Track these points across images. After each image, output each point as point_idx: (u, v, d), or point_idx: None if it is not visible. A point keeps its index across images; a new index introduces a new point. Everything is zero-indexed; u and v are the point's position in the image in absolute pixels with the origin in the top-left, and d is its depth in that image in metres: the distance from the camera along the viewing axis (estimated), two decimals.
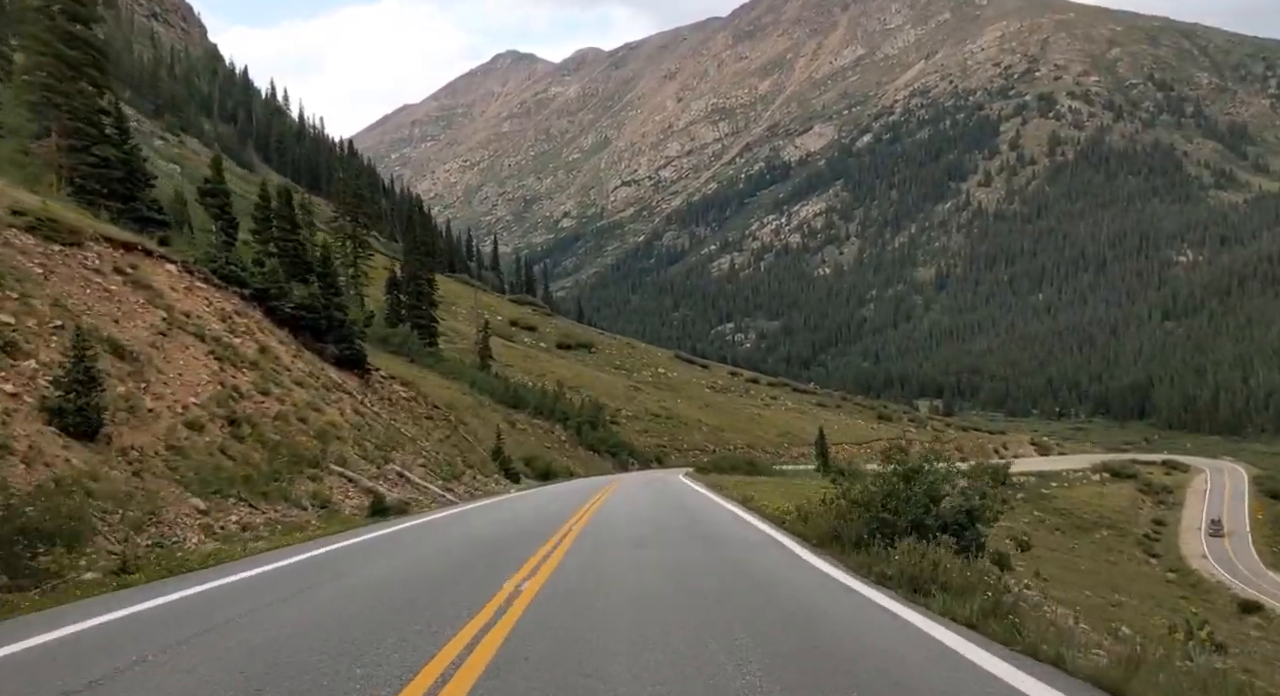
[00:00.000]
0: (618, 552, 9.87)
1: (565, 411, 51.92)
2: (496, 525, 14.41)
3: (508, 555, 9.52)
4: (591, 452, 50.58)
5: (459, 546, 11.26)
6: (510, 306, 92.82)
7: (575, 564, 8.78)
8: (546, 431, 47.08)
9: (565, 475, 36.44)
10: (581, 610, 6.06)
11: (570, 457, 45.07)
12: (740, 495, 20.12)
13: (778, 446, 62.20)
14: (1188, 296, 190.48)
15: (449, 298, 68.98)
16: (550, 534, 11.76)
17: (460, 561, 9.44)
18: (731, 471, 31.47)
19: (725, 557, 9.27)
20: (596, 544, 10.85)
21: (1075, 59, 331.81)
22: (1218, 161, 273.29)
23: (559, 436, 47.79)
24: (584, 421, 52.32)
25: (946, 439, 73.91)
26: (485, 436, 32.18)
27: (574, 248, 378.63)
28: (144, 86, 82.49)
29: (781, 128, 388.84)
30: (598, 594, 6.75)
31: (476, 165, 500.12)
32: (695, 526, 13.60)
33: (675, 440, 60.35)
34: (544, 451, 40.23)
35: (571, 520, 14.11)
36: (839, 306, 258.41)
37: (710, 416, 68.25)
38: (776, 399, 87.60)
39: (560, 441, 47.02)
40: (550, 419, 49.13)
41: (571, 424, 50.81)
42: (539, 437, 44.06)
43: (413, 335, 43.26)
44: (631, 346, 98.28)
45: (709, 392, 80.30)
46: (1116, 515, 44.85)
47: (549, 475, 34.54)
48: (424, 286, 51.52)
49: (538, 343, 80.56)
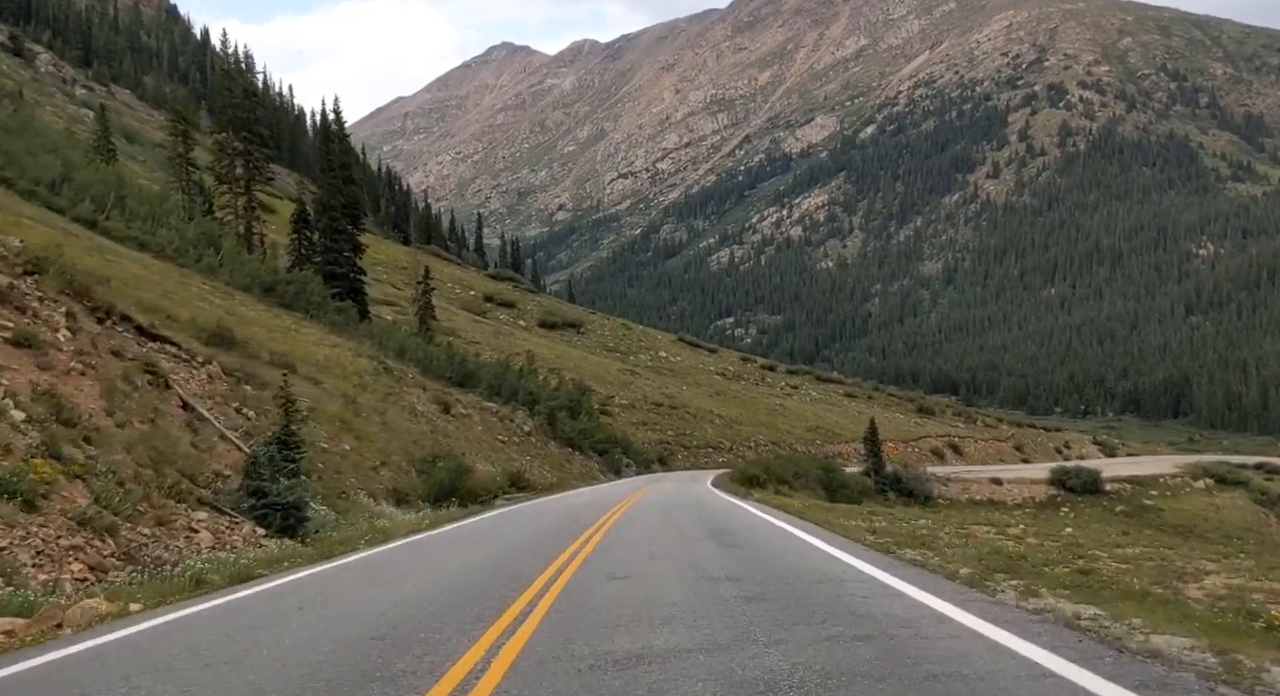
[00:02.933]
0: None
1: (533, 392, 40.60)
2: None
3: None
4: (570, 449, 39.61)
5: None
6: (487, 282, 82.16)
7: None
8: (503, 419, 35.02)
9: (516, 490, 24.35)
10: None
11: (537, 456, 34.12)
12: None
13: (808, 443, 52.22)
14: (1212, 290, 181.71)
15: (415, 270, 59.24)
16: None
17: None
18: (794, 479, 21.46)
19: None
20: None
21: (1085, 49, 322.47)
22: (1234, 153, 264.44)
23: (520, 426, 35.87)
24: (560, 407, 40.56)
25: (1003, 436, 64.37)
26: (398, 426, 21.98)
27: (569, 241, 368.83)
28: (69, 32, 72.93)
29: (782, 119, 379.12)
30: None
31: (470, 158, 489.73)
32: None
33: (682, 435, 49.94)
34: (493, 449, 29.15)
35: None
36: (843, 301, 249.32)
37: (723, 406, 57.83)
38: (798, 388, 77.24)
39: (522, 433, 35.34)
40: (511, 402, 37.76)
41: (541, 410, 38.75)
42: (489, 428, 31.98)
43: (313, 281, 31.63)
44: (627, 327, 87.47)
45: (719, 380, 69.89)
46: (1247, 532, 35.34)
47: (496, 493, 22.08)
48: (341, 223, 38.75)
49: (516, 320, 69.77)
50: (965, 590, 7.11)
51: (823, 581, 7.56)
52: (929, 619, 5.82)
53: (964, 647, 4.97)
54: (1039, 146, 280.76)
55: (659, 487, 27.61)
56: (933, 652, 4.83)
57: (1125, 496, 38.84)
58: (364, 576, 9.13)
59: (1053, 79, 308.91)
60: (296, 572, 9.39)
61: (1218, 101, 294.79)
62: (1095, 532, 34.64)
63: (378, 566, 9.94)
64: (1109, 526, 36.36)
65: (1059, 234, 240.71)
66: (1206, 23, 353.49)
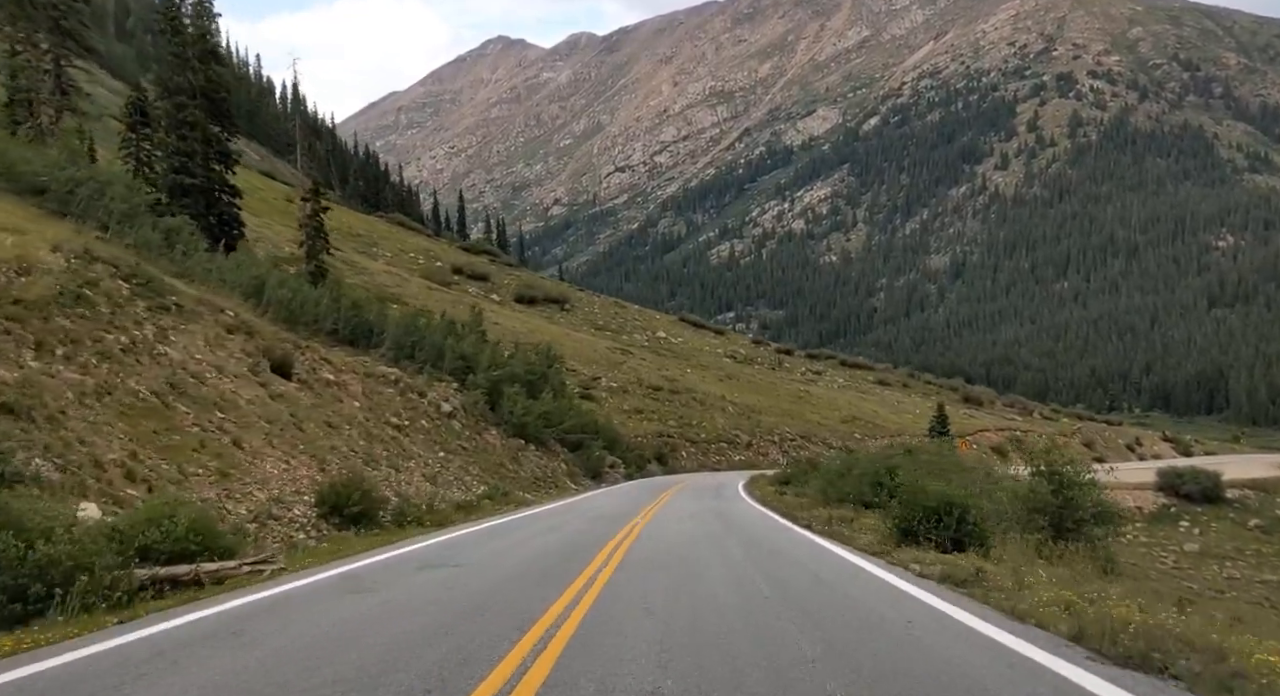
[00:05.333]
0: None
1: (466, 357, 29.27)
2: None
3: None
4: (523, 442, 28.54)
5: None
6: (460, 254, 72.10)
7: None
8: (407, 393, 23.56)
9: (342, 520, 13.22)
10: None
11: (459, 451, 23.03)
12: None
13: (844, 436, 43.39)
14: (1237, 283, 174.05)
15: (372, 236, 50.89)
16: None
17: None
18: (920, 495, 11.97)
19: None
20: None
21: (1094, 38, 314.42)
22: (1250, 144, 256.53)
23: (435, 404, 24.28)
24: (509, 379, 28.78)
25: (1067, 431, 56.08)
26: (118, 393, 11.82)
27: (564, 235, 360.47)
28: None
29: (783, 111, 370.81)
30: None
31: (463, 152, 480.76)
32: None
33: (686, 426, 40.59)
34: (370, 439, 18.42)
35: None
36: (847, 295, 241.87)
37: (737, 392, 48.37)
38: (821, 374, 68.04)
39: (439, 416, 23.92)
40: (432, 370, 26.83)
41: (478, 382, 27.15)
42: (377, 406, 20.62)
43: (121, 182, 19.96)
44: (621, 306, 77.69)
45: (730, 363, 60.50)
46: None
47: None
48: (195, 114, 28.89)
49: (488, 294, 60.12)
50: None
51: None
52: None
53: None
54: (1049, 137, 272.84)
55: (666, 513, 17.69)
56: None
57: (1254, 506, 30.49)
58: None
59: (1062, 69, 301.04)
60: None
61: (1232, 92, 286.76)
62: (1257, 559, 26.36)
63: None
64: (1246, 545, 27.90)
65: (1071, 226, 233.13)
66: (1217, 13, 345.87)
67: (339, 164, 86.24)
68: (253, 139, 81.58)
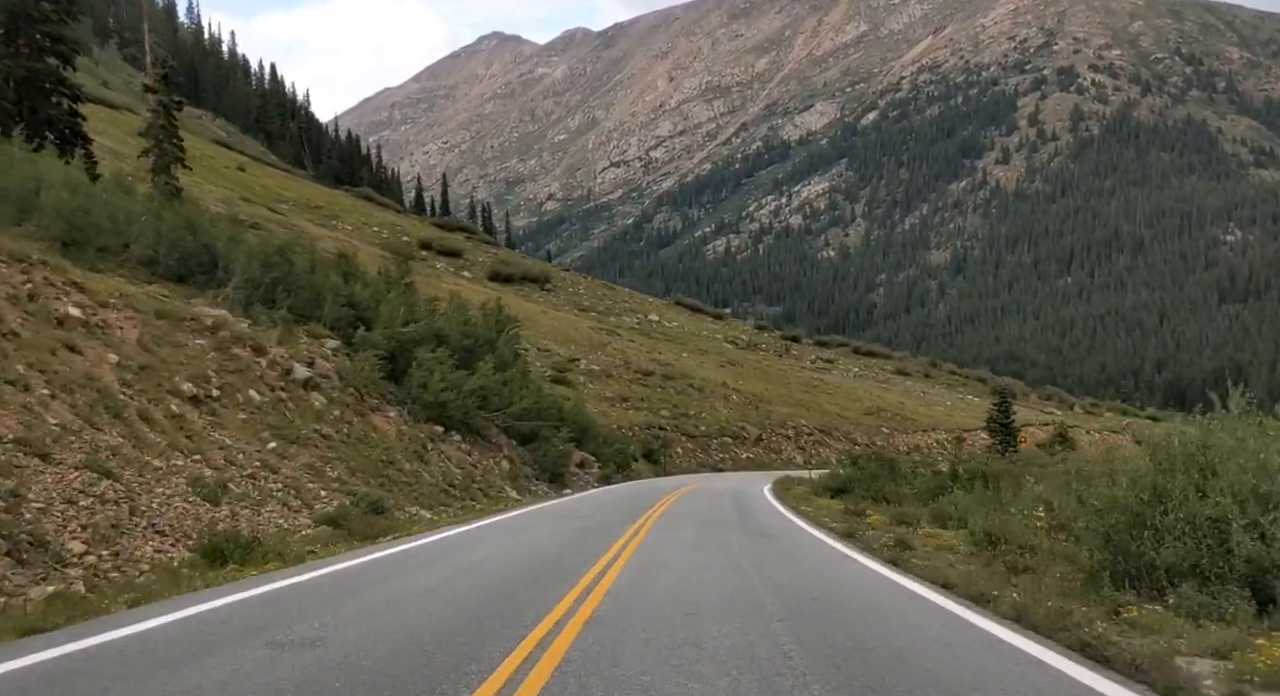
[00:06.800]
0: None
1: (360, 306, 21.53)
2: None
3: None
4: (447, 433, 21.53)
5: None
6: (431, 230, 66.05)
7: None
8: (230, 354, 15.70)
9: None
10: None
11: (311, 443, 15.46)
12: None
13: (870, 430, 38.25)
14: (1248, 278, 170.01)
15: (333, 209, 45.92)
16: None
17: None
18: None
19: None
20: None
21: (1095, 32, 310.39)
22: (1255, 139, 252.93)
23: (280, 368, 16.59)
24: (423, 339, 21.11)
25: (1115, 426, 51.47)
26: None
27: (559, 230, 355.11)
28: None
29: (780, 106, 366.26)
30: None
31: (457, 147, 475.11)
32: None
33: (682, 416, 34.80)
34: (151, 421, 11.80)
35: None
36: (846, 291, 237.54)
37: (742, 380, 42.58)
38: (833, 362, 62.87)
39: (288, 386, 16.51)
40: (285, 320, 18.81)
41: (375, 340, 19.93)
42: (155, 374, 12.89)
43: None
44: (610, 287, 72.34)
45: (731, 348, 54.84)
46: None
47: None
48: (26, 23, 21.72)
49: (459, 271, 54.29)
50: None
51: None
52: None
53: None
54: (1050, 131, 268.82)
55: (647, 576, 9.32)
56: None
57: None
58: None
59: (1062, 63, 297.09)
60: None
61: (1235, 86, 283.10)
62: None
63: None
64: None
65: (1074, 221, 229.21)
66: (1219, 7, 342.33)
67: (311, 143, 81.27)
68: (219, 115, 76.58)
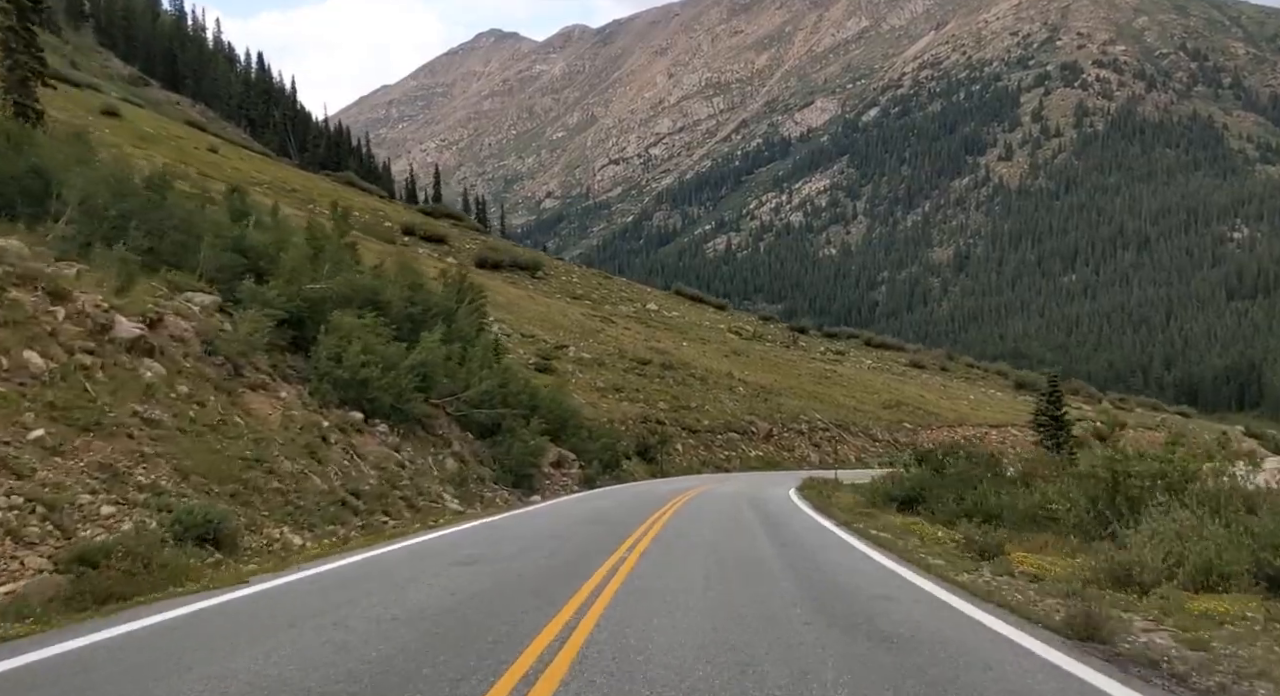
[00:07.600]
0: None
1: (252, 254, 16.45)
2: None
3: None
4: (367, 421, 16.61)
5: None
6: (416, 216, 63.15)
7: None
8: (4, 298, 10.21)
9: None
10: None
11: (154, 445, 10.23)
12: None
13: (890, 425, 35.36)
14: (1255, 275, 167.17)
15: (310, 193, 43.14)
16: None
17: None
18: None
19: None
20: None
21: (1099, 27, 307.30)
22: (1261, 135, 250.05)
23: (92, 323, 11.01)
24: (343, 299, 15.98)
25: (1152, 424, 48.93)
26: None
27: (557, 228, 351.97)
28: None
29: (780, 103, 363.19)
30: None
31: (454, 145, 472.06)
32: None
33: (682, 408, 31.45)
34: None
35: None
36: (847, 289, 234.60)
37: (748, 370, 39.25)
38: (844, 354, 60.06)
39: (110, 348, 11.02)
40: (137, 264, 13.59)
41: (269, 297, 14.57)
42: None
43: None
44: (605, 277, 69.25)
45: (735, 339, 51.95)
46: None
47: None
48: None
49: (442, 256, 51.28)
50: None
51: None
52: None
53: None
54: (1054, 127, 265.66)
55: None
56: None
57: None
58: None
59: (1066, 58, 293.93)
60: None
61: (1241, 82, 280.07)
62: None
63: None
64: None
65: (1078, 217, 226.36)
66: (1224, 3, 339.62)
67: (297, 131, 78.48)
68: (199, 101, 73.68)
